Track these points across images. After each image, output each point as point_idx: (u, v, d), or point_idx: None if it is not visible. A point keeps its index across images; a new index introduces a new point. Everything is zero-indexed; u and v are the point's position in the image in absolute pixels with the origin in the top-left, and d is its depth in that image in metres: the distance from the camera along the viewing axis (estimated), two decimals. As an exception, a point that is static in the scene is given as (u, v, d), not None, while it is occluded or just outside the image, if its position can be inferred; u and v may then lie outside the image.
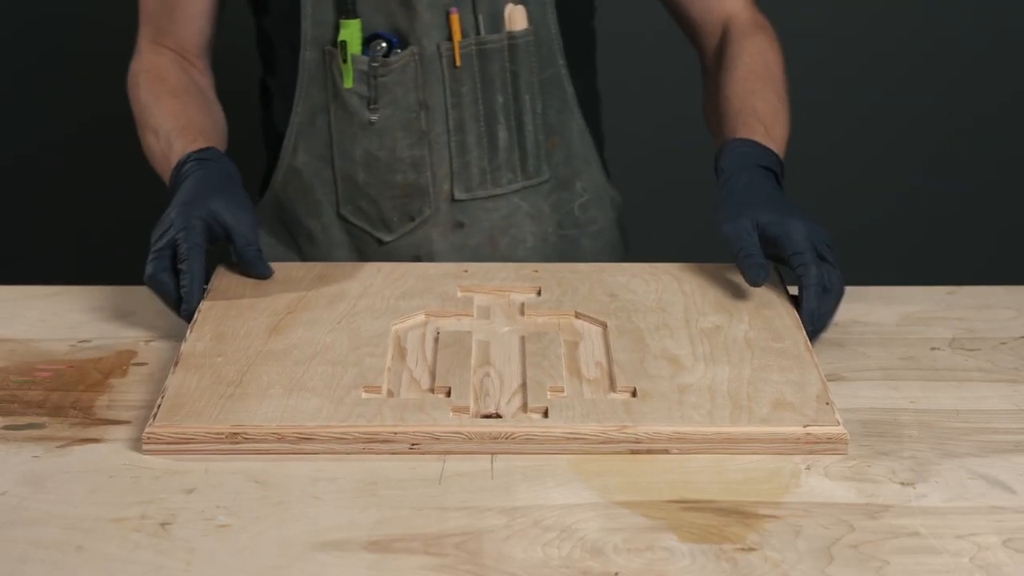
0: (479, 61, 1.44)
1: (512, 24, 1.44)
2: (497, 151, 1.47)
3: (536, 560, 0.87)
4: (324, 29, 1.42)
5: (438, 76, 1.43)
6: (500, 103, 1.46)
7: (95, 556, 0.87)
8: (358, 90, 1.43)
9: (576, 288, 1.23)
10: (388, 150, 1.45)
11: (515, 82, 1.45)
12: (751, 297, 1.21)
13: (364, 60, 1.42)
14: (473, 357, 1.11)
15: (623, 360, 1.10)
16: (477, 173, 1.46)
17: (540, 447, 1.01)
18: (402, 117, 1.44)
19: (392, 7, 1.41)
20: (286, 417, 1.02)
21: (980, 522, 0.92)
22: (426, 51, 1.42)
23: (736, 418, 1.02)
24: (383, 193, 1.46)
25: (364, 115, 1.43)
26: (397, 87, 1.43)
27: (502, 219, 1.49)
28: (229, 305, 1.19)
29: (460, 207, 1.47)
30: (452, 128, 1.45)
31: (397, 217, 1.47)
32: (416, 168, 1.45)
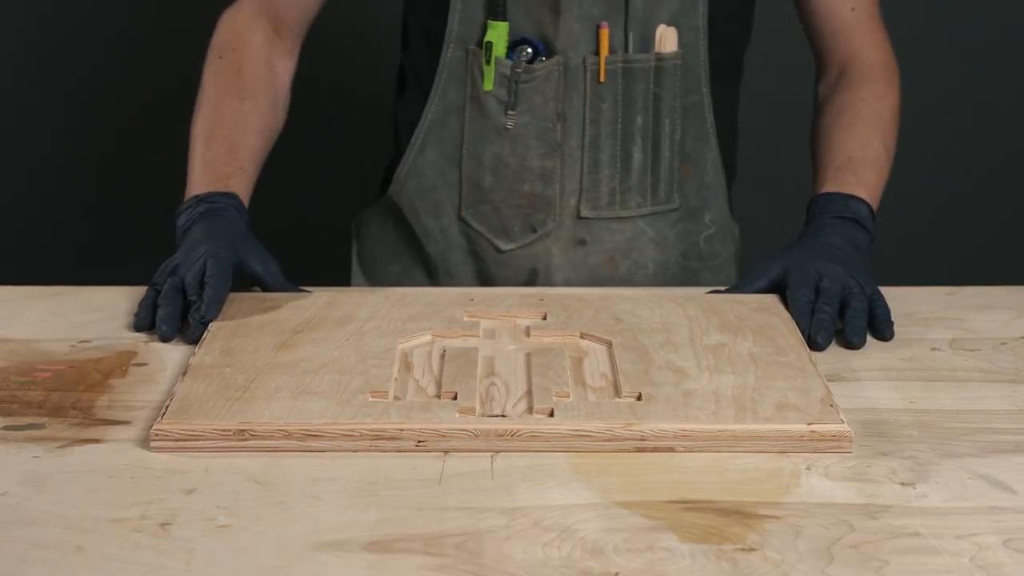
0: (623, 79, 1.41)
1: (662, 45, 1.42)
2: (630, 172, 1.45)
3: (536, 560, 0.87)
4: (471, 28, 1.41)
5: (580, 89, 1.41)
6: (639, 124, 1.43)
7: (95, 556, 0.87)
8: (497, 94, 1.41)
9: (581, 313, 1.23)
10: (519, 157, 1.43)
11: (657, 104, 1.43)
12: (754, 320, 1.21)
13: (508, 64, 1.40)
14: (479, 368, 1.12)
15: (628, 371, 1.11)
16: (607, 192, 1.45)
17: (546, 444, 1.01)
18: (538, 126, 1.42)
19: (542, 15, 1.39)
20: (293, 416, 1.02)
21: (980, 522, 0.92)
22: (571, 62, 1.40)
23: (741, 418, 1.03)
24: (508, 201, 1.45)
25: (500, 119, 1.42)
26: (537, 95, 1.41)
27: (625, 242, 1.47)
28: (238, 325, 1.20)
29: (584, 224, 1.45)
30: (587, 144, 1.43)
31: (519, 227, 1.45)
32: (545, 179, 1.43)
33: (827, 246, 1.30)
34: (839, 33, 1.49)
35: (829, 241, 1.31)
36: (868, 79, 1.47)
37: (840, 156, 1.41)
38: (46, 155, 2.47)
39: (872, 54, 1.49)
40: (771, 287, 1.29)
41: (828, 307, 1.22)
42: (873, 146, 1.42)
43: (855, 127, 1.43)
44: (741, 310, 1.24)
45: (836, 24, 1.49)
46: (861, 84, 1.47)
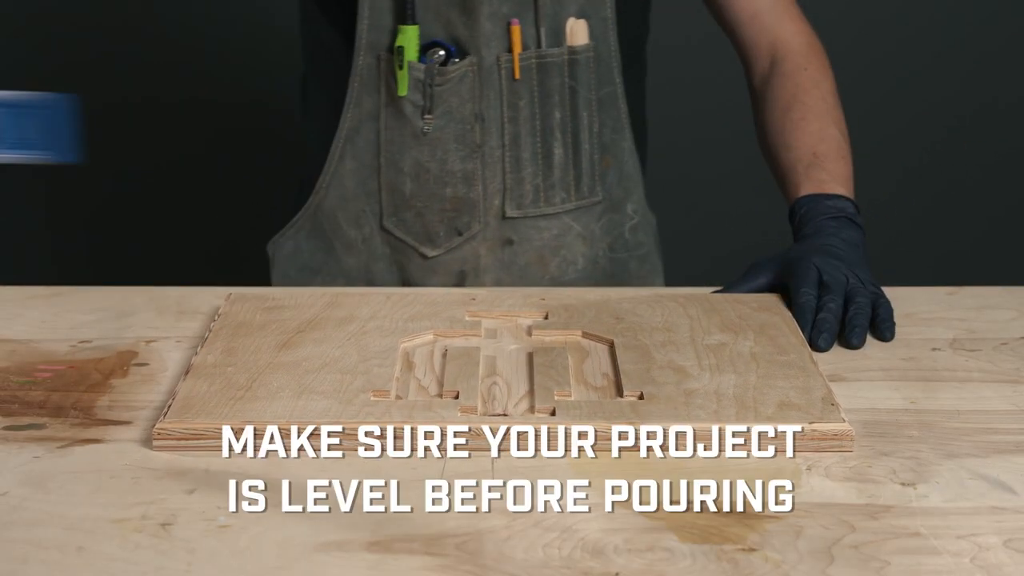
0: (538, 75, 1.41)
1: (573, 39, 1.41)
2: (552, 168, 1.44)
3: (537, 560, 0.87)
4: (380, 34, 1.39)
5: (496, 88, 1.40)
6: (557, 119, 1.42)
7: (96, 557, 0.87)
8: (412, 98, 1.40)
9: (582, 313, 1.23)
10: (439, 162, 1.41)
11: (573, 98, 1.42)
12: (756, 321, 1.21)
13: (421, 67, 1.39)
14: (481, 368, 1.12)
15: (629, 370, 1.11)
16: (530, 190, 1.44)
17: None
18: (456, 128, 1.41)
19: (452, 16, 1.38)
20: (295, 415, 1.02)
21: (981, 523, 0.92)
22: (485, 62, 1.39)
23: (742, 417, 1.03)
24: (431, 206, 1.43)
25: (417, 124, 1.40)
26: (453, 97, 1.40)
27: (553, 239, 1.46)
28: (239, 325, 1.20)
29: (510, 224, 1.44)
30: (507, 142, 1.42)
31: (444, 231, 1.44)
32: (467, 182, 1.42)
33: (828, 246, 1.30)
34: (757, 18, 1.48)
35: (829, 242, 1.31)
36: (800, 66, 1.45)
37: (805, 154, 1.39)
38: (47, 155, 2.46)
39: (796, 37, 1.47)
40: (770, 285, 1.29)
41: (832, 304, 1.22)
42: (831, 135, 1.41)
43: (807, 121, 1.42)
44: (742, 309, 1.24)
45: (753, 8, 1.48)
46: (796, 72, 1.45)
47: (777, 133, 1.43)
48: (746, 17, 1.48)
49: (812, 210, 1.35)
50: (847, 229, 1.33)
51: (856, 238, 1.33)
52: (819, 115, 1.42)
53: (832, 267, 1.26)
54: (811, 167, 1.38)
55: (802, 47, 1.47)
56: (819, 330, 1.20)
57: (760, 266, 1.31)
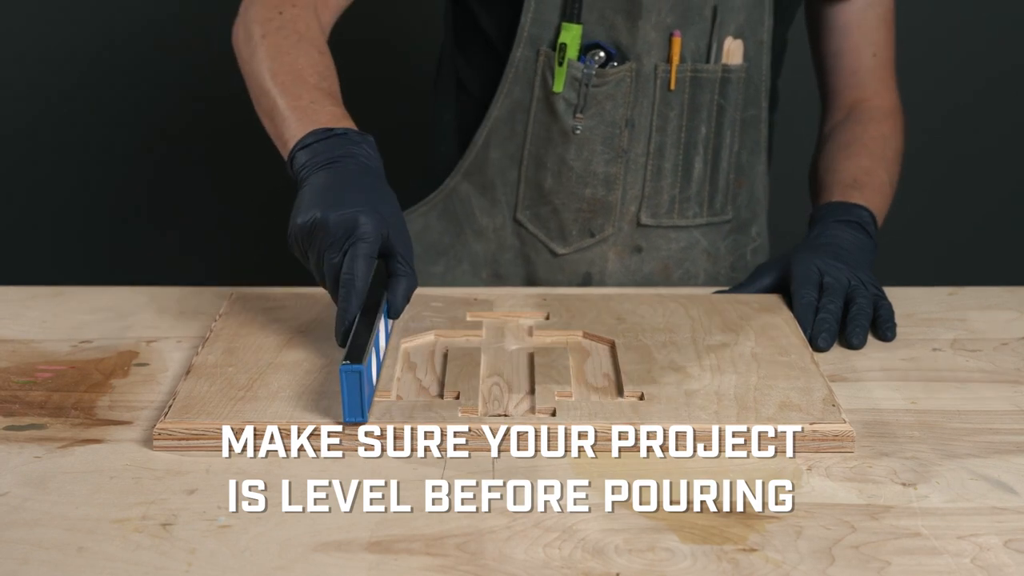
0: (691, 88, 1.42)
1: (729, 57, 1.42)
2: (690, 182, 1.45)
3: (537, 561, 0.87)
4: (543, 29, 1.40)
5: (649, 96, 1.41)
6: (702, 134, 1.44)
7: (96, 557, 0.87)
8: (567, 96, 1.40)
9: (584, 313, 1.23)
10: (584, 162, 1.42)
11: (720, 116, 1.44)
12: (757, 320, 1.21)
13: (580, 67, 1.39)
14: (482, 368, 1.12)
15: (630, 371, 1.11)
16: (667, 201, 1.45)
17: (548, 444, 1.01)
18: (605, 131, 1.42)
19: (616, 20, 1.39)
20: (295, 415, 1.02)
21: (981, 523, 0.92)
22: (643, 69, 1.40)
23: (743, 417, 1.03)
24: (568, 204, 1.44)
25: (568, 122, 1.41)
26: (607, 100, 1.40)
27: (680, 251, 1.47)
28: (241, 325, 1.20)
29: (642, 232, 1.46)
30: (652, 151, 1.43)
31: (576, 231, 1.45)
32: (608, 185, 1.43)
33: (831, 246, 1.30)
34: (854, 75, 1.50)
35: (832, 242, 1.31)
36: (876, 120, 1.48)
37: (846, 177, 1.42)
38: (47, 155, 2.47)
39: (882, 100, 1.50)
40: (774, 286, 1.30)
41: (832, 306, 1.22)
42: (877, 175, 1.43)
43: (860, 157, 1.44)
44: (743, 310, 1.24)
45: (854, 66, 1.50)
46: (868, 123, 1.48)
47: (828, 160, 1.46)
48: (845, 71, 1.50)
49: (827, 214, 1.37)
50: (856, 233, 1.34)
51: (864, 243, 1.33)
52: (873, 157, 1.44)
53: (833, 268, 1.26)
54: (847, 187, 1.40)
55: (884, 108, 1.49)
56: (819, 330, 1.20)
57: (764, 268, 1.32)
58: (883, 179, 1.43)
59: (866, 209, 1.37)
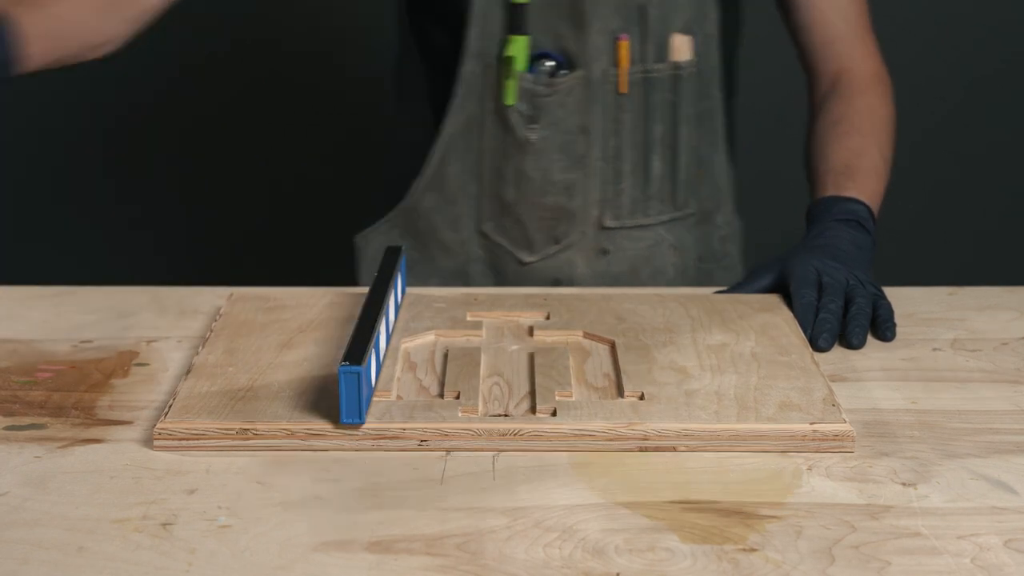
0: (643, 89, 1.42)
1: (678, 54, 1.42)
2: (650, 181, 1.45)
3: (537, 561, 0.87)
4: (489, 43, 1.40)
5: (601, 101, 1.41)
6: (658, 133, 1.44)
7: (97, 557, 0.87)
8: (519, 108, 1.40)
9: (584, 313, 1.23)
10: (542, 171, 1.43)
11: (674, 113, 1.44)
12: (757, 321, 1.21)
13: (529, 78, 1.39)
14: (482, 368, 1.12)
15: (631, 371, 1.11)
16: (628, 202, 1.45)
17: (548, 444, 1.01)
18: (561, 139, 1.42)
19: (562, 28, 1.39)
20: (295, 415, 1.02)
21: (982, 523, 0.92)
22: (593, 75, 1.40)
23: (743, 417, 1.03)
24: (531, 214, 1.45)
25: (523, 133, 1.41)
26: (559, 109, 1.41)
27: (646, 249, 1.47)
28: (241, 325, 1.20)
29: (607, 234, 1.46)
30: (609, 155, 1.43)
31: (541, 239, 1.45)
32: (568, 192, 1.43)
33: (829, 247, 1.30)
34: (830, 45, 1.48)
35: (831, 243, 1.31)
36: (861, 90, 1.46)
37: (838, 163, 1.40)
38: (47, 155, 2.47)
39: (864, 65, 1.48)
40: (773, 286, 1.29)
41: (832, 305, 1.22)
42: (870, 154, 1.41)
43: (851, 136, 1.42)
44: (743, 310, 1.24)
45: (827, 36, 1.48)
46: (854, 95, 1.46)
47: (818, 144, 1.44)
48: (820, 42, 1.49)
49: (824, 211, 1.36)
50: (853, 231, 1.33)
51: (862, 241, 1.33)
52: (864, 134, 1.43)
53: (831, 268, 1.26)
54: (840, 176, 1.39)
55: (867, 76, 1.48)
56: (819, 330, 1.20)
57: (762, 268, 1.31)
58: (875, 158, 1.41)
59: (862, 203, 1.35)
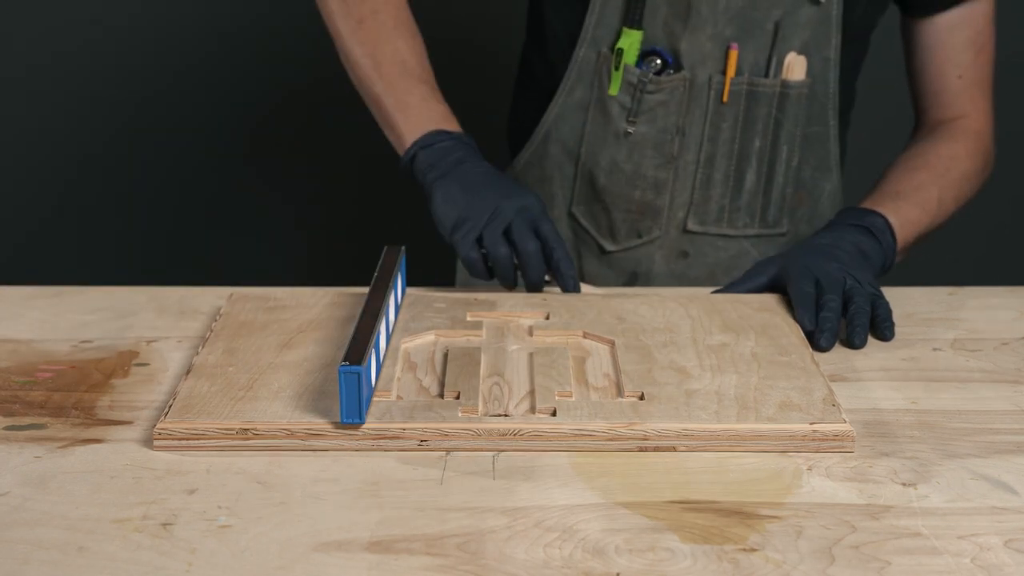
0: (746, 101, 1.42)
1: (790, 73, 1.42)
2: (741, 193, 1.46)
3: (538, 561, 0.87)
4: (605, 32, 1.42)
5: (702, 106, 1.42)
6: (756, 147, 1.44)
7: (97, 557, 0.87)
8: (621, 99, 1.42)
9: (584, 313, 1.24)
10: (635, 164, 1.44)
11: (777, 130, 1.44)
12: (757, 321, 1.21)
13: (636, 72, 1.41)
14: (482, 368, 1.12)
15: (630, 371, 1.11)
16: (715, 209, 1.46)
17: (548, 444, 1.01)
18: (656, 136, 1.43)
19: (676, 28, 1.40)
20: (296, 415, 1.02)
21: (982, 523, 0.92)
22: (697, 79, 1.41)
23: (743, 417, 1.03)
24: (618, 204, 1.47)
25: (621, 125, 1.43)
26: (660, 106, 1.42)
27: (728, 259, 1.48)
28: (241, 325, 1.20)
29: (689, 238, 1.47)
30: (702, 160, 1.44)
31: (625, 230, 1.47)
32: (657, 189, 1.45)
33: (827, 247, 1.30)
34: (937, 96, 1.49)
35: (831, 243, 1.31)
36: (952, 139, 1.46)
37: (889, 188, 1.41)
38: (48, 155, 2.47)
39: (966, 123, 1.48)
40: (770, 285, 1.29)
41: (833, 303, 1.22)
42: (927, 190, 1.41)
43: (918, 172, 1.42)
44: (743, 310, 1.24)
45: (939, 86, 1.48)
46: (940, 141, 1.46)
47: (888, 171, 1.44)
48: (931, 91, 1.49)
49: (839, 218, 1.36)
50: (861, 237, 1.33)
51: (868, 246, 1.32)
52: (932, 174, 1.43)
53: (829, 267, 1.26)
54: (884, 195, 1.39)
55: (964, 130, 1.48)
56: (821, 329, 1.20)
57: (760, 266, 1.31)
58: (932, 196, 1.41)
59: (881, 216, 1.35)
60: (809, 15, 1.40)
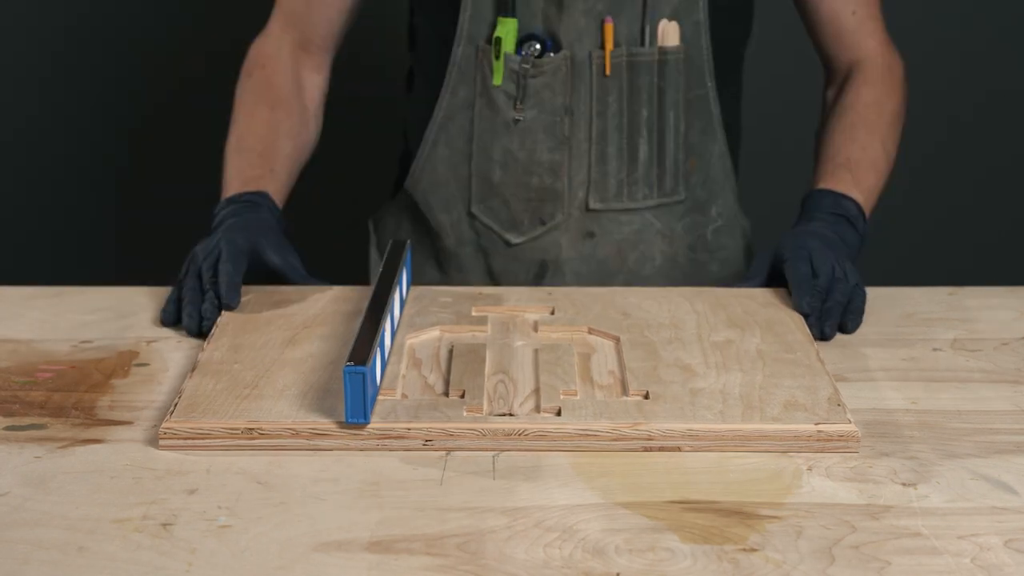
0: (628, 72, 1.43)
1: (665, 40, 1.43)
2: (636, 164, 1.46)
3: (538, 561, 0.87)
4: (480, 25, 1.43)
5: (586, 83, 1.43)
6: (644, 117, 1.45)
7: (97, 557, 0.87)
8: (506, 88, 1.43)
9: (589, 308, 1.24)
10: (528, 151, 1.45)
11: (661, 98, 1.45)
12: (763, 316, 1.21)
13: (516, 59, 1.42)
14: (487, 365, 1.12)
15: (635, 368, 1.11)
16: (614, 184, 1.46)
17: (553, 444, 1.01)
18: (546, 120, 1.44)
19: (549, 11, 1.42)
20: (301, 414, 1.02)
21: (981, 523, 0.92)
22: (577, 57, 1.42)
23: (748, 417, 1.03)
24: (517, 194, 1.47)
25: (509, 114, 1.44)
26: (545, 89, 1.43)
27: (633, 233, 1.48)
28: (247, 320, 1.20)
29: (592, 217, 1.47)
30: (594, 136, 1.44)
31: (528, 220, 1.47)
32: (554, 172, 1.45)
33: (816, 234, 1.33)
34: (841, 37, 1.51)
35: (818, 231, 1.34)
36: (869, 82, 1.49)
37: (839, 156, 1.43)
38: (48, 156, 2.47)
39: (875, 56, 1.50)
40: (770, 278, 1.30)
41: (836, 295, 1.24)
42: (872, 147, 1.44)
43: (856, 129, 1.45)
44: (749, 305, 1.24)
45: (837, 28, 1.50)
46: (862, 86, 1.49)
47: (825, 136, 1.48)
48: (831, 35, 1.51)
49: (818, 203, 1.39)
50: (842, 227, 1.36)
51: (849, 238, 1.35)
52: (869, 127, 1.46)
53: (819, 248, 1.29)
54: (840, 167, 1.42)
55: (878, 67, 1.50)
56: (826, 318, 1.23)
57: (758, 261, 1.34)
58: (877, 152, 1.44)
59: (853, 200, 1.38)
60: None
